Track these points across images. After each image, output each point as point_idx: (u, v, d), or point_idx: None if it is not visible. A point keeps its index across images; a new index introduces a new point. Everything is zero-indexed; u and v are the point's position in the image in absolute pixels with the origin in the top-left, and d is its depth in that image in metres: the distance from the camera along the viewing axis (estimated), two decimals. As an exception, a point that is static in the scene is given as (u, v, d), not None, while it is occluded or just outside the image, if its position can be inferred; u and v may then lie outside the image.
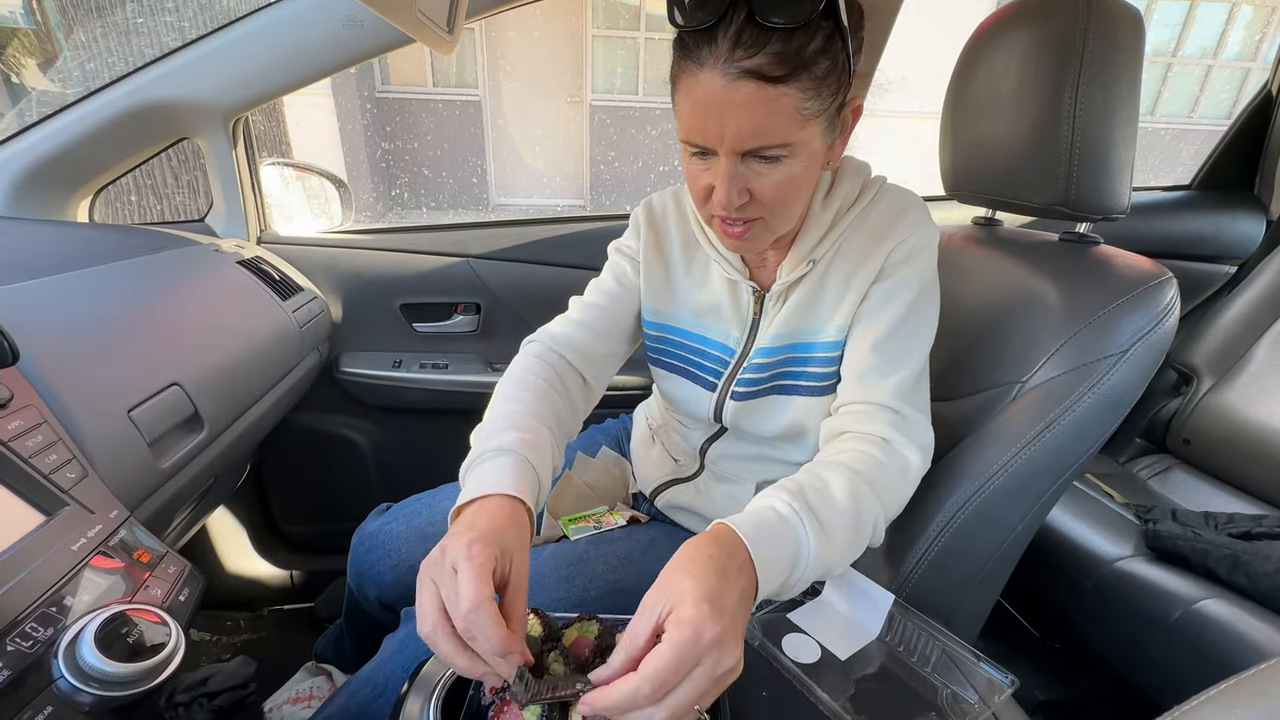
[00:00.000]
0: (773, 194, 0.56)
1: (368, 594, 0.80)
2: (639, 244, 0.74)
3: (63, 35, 3.34)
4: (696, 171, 0.58)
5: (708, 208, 0.59)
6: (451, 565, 0.43)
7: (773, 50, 0.49)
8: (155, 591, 0.52)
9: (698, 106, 0.53)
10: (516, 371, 0.68)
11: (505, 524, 0.47)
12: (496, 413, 0.61)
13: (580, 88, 6.64)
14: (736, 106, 0.51)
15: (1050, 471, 0.65)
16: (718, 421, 0.74)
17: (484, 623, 0.40)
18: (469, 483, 0.53)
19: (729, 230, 0.59)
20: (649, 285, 0.74)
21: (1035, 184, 0.73)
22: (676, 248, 0.73)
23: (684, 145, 0.57)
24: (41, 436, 0.52)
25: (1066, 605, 1.00)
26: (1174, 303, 0.65)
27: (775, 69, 0.49)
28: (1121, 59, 0.65)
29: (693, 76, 0.52)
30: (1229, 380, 1.22)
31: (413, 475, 1.04)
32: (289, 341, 0.97)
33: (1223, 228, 1.39)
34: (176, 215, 3.44)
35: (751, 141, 0.52)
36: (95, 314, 0.67)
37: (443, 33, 0.78)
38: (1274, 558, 0.81)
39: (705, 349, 0.73)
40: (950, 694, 0.50)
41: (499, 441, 0.55)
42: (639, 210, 0.75)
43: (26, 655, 0.41)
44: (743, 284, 0.69)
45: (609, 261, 0.78)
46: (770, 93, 0.50)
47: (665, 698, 0.38)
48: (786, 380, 0.69)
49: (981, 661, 0.49)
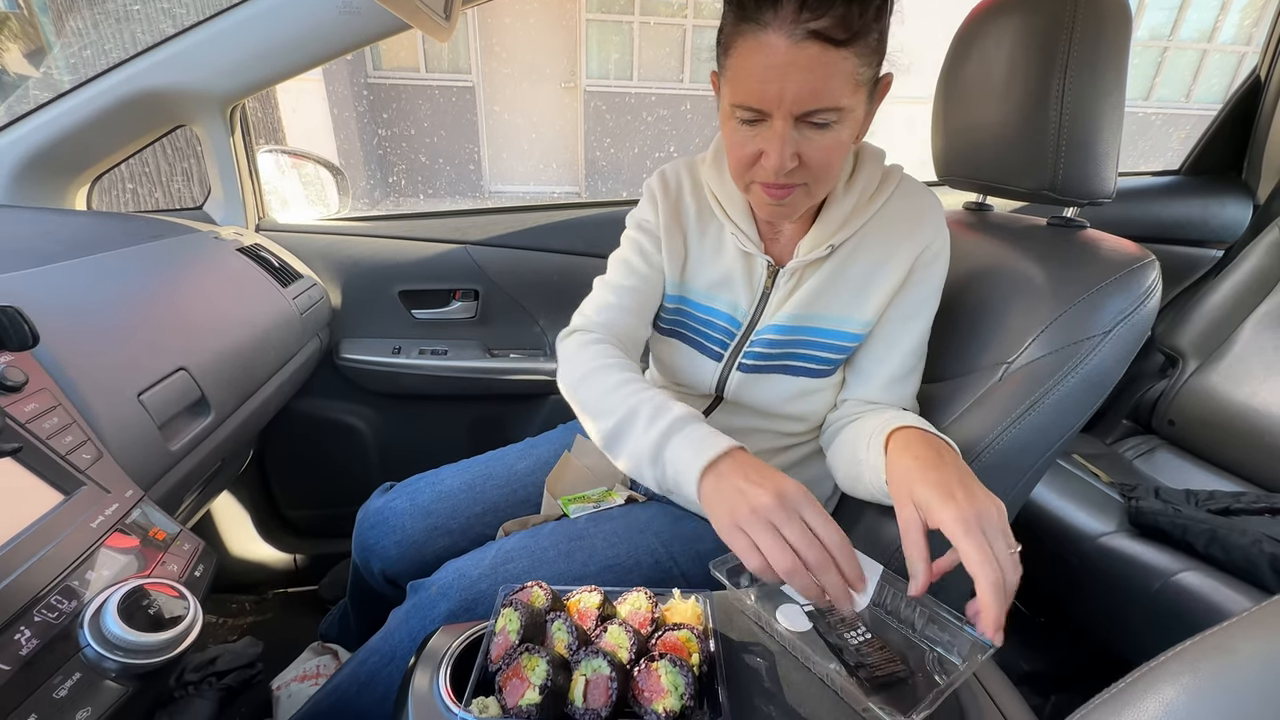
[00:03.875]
0: (820, 159, 0.57)
1: (373, 569, 0.82)
2: (658, 218, 0.74)
3: (49, 20, 3.29)
4: (744, 138, 0.58)
5: (751, 174, 0.60)
6: (793, 509, 0.49)
7: (837, 14, 0.51)
8: (172, 567, 0.53)
9: (757, 69, 0.53)
10: (605, 353, 0.67)
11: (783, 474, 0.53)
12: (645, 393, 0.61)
13: (575, 73, 6.58)
14: (800, 68, 0.52)
15: (1034, 449, 0.67)
16: (717, 392, 0.76)
17: (850, 556, 0.49)
18: (688, 446, 0.55)
19: (772, 194, 0.60)
20: (670, 259, 0.74)
21: (1024, 169, 0.74)
22: (693, 219, 0.74)
23: (733, 110, 0.57)
24: (57, 419, 0.53)
25: (1053, 580, 1.04)
26: (1155, 285, 0.67)
27: (840, 32, 0.51)
28: (1108, 47, 0.67)
29: (754, 38, 0.53)
30: (1213, 362, 1.24)
31: (413, 459, 1.05)
32: (290, 328, 0.99)
33: (1210, 212, 1.41)
34: (173, 203, 3.42)
35: (810, 103, 0.54)
36: (103, 300, 0.68)
37: (440, 19, 0.78)
38: (1249, 532, 0.84)
39: (713, 319, 0.74)
40: (936, 656, 0.52)
41: (679, 410, 0.59)
42: (653, 181, 0.75)
43: (53, 625, 0.43)
44: (758, 256, 0.70)
45: (629, 238, 0.77)
46: (833, 55, 0.52)
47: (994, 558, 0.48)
48: (796, 361, 0.72)
49: (965, 625, 0.51)
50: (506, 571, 0.67)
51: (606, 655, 0.46)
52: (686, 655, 0.48)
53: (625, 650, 0.48)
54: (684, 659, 0.46)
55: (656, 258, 0.75)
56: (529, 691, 0.44)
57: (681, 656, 0.47)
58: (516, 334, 1.28)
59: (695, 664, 0.47)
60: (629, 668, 0.47)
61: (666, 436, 0.57)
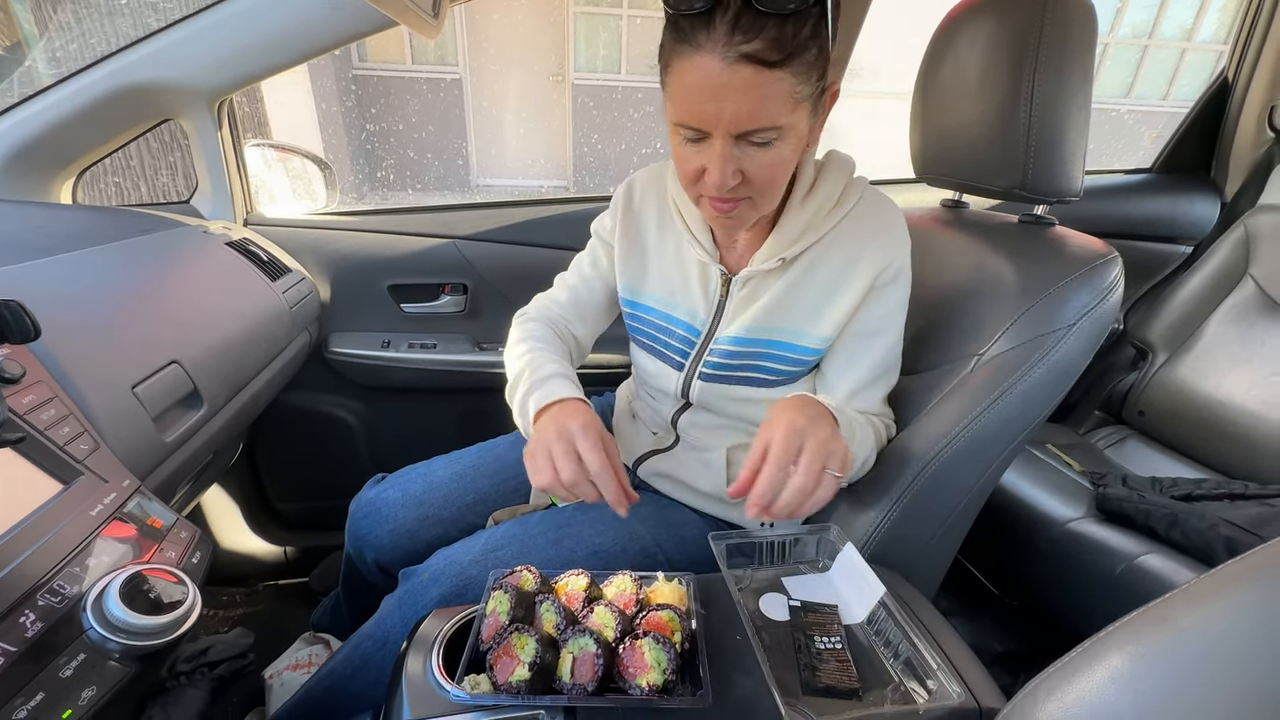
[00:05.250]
0: (763, 175, 0.58)
1: (366, 559, 0.83)
2: (614, 226, 0.78)
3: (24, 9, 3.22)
4: (688, 154, 0.59)
5: (698, 188, 0.61)
6: (569, 441, 0.58)
7: (769, 35, 0.50)
8: (169, 554, 0.55)
9: (694, 90, 0.54)
10: (530, 329, 0.78)
11: (593, 416, 0.62)
12: (531, 357, 0.71)
13: (563, 67, 6.55)
14: (734, 90, 0.52)
15: (1002, 437, 0.70)
16: (684, 398, 0.78)
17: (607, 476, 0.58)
18: (536, 397, 0.65)
19: (719, 207, 0.62)
20: (624, 265, 0.78)
21: (996, 168, 0.77)
22: (652, 227, 0.76)
23: (676, 128, 0.58)
24: (54, 410, 0.54)
25: (1024, 564, 1.08)
26: (1118, 280, 0.70)
27: (772, 54, 0.51)
28: (1074, 51, 0.70)
29: (688, 60, 0.53)
30: (1181, 355, 1.29)
31: (402, 452, 1.07)
32: (280, 321, 0.99)
33: (1180, 210, 1.45)
34: (158, 197, 3.37)
35: (748, 124, 0.54)
36: (95, 293, 0.69)
37: (428, 16, 0.79)
38: (1207, 516, 0.88)
39: (672, 328, 0.77)
40: (901, 689, 0.50)
41: (548, 370, 0.69)
42: (621, 190, 0.79)
43: (56, 609, 0.45)
44: (712, 266, 0.72)
45: (590, 242, 0.83)
46: (767, 77, 0.52)
47: (796, 462, 0.54)
48: (756, 372, 0.73)
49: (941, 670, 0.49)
50: (496, 558, 0.69)
51: (593, 634, 0.48)
52: (669, 633, 0.50)
53: (611, 629, 0.50)
54: (667, 637, 0.49)
55: (605, 265, 0.80)
56: (519, 669, 0.46)
57: (665, 634, 0.49)
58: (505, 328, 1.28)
59: (678, 642, 0.50)
60: (614, 645, 0.49)
61: (529, 392, 0.66)
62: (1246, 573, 0.29)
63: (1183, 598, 0.30)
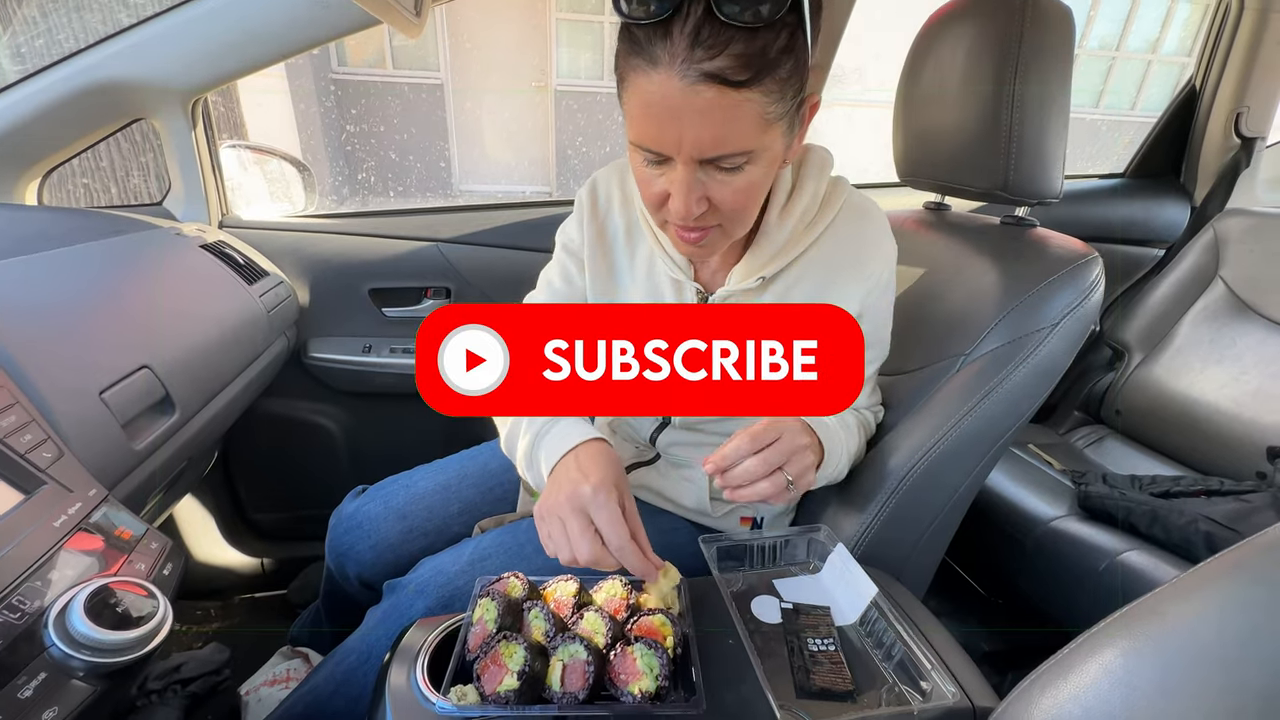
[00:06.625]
0: (733, 202, 0.53)
1: (348, 573, 0.81)
2: (582, 238, 0.71)
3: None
4: (649, 177, 0.53)
5: (662, 214, 0.56)
6: (582, 514, 0.51)
7: (735, 51, 0.44)
8: (139, 566, 0.53)
9: (651, 111, 0.48)
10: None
11: (611, 465, 0.55)
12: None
13: (546, 72, 6.55)
14: (695, 113, 0.46)
15: (988, 436, 0.70)
16: (663, 417, 0.76)
17: (631, 554, 0.51)
18: (547, 449, 0.58)
19: (685, 237, 0.56)
20: (594, 280, 0.72)
21: (978, 171, 0.78)
22: (621, 238, 0.70)
23: (634, 149, 0.53)
24: (15, 417, 0.52)
25: (1008, 563, 1.09)
26: (1099, 280, 0.71)
27: (739, 73, 0.45)
28: (1053, 55, 0.71)
29: (644, 76, 0.47)
30: (1156, 355, 1.32)
31: (384, 460, 1.04)
32: (257, 326, 0.97)
33: (1152, 213, 1.49)
34: (129, 199, 3.28)
35: (712, 150, 0.48)
36: (61, 296, 0.67)
37: (409, 15, 0.78)
38: (1186, 512, 0.90)
39: None
40: (896, 690, 0.50)
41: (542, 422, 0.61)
42: (583, 194, 0.72)
43: (15, 626, 0.42)
44: (687, 284, 0.67)
45: (556, 257, 0.75)
46: (733, 98, 0.46)
47: (760, 452, 0.54)
48: None
49: (935, 670, 0.49)
50: (485, 567, 0.67)
51: (583, 640, 0.47)
52: (661, 639, 0.49)
53: (601, 636, 0.49)
54: (659, 642, 0.48)
55: (579, 280, 0.72)
56: (507, 678, 0.45)
57: (657, 640, 0.48)
58: (489, 332, 1.28)
59: (670, 647, 0.49)
60: (605, 652, 0.48)
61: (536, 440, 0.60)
62: (1231, 567, 0.29)
63: (1171, 591, 0.31)
